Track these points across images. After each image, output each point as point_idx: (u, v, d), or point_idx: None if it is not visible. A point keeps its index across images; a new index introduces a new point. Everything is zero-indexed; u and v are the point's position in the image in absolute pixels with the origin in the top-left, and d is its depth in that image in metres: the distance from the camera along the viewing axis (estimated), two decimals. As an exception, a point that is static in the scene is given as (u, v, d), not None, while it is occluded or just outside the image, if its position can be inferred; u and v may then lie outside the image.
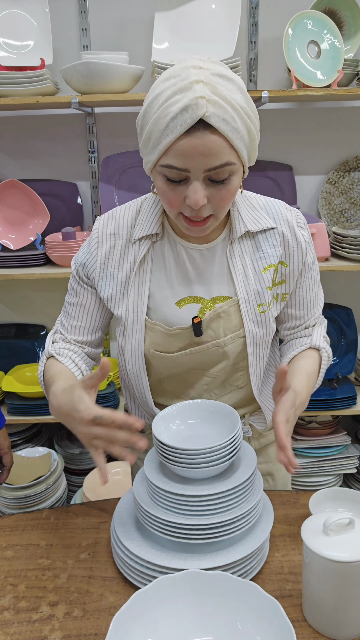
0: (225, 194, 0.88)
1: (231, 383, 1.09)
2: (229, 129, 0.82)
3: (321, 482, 2.20)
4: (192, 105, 0.79)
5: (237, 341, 1.03)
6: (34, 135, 2.15)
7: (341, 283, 2.28)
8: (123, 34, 2.03)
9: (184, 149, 0.82)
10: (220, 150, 0.82)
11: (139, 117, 0.89)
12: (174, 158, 0.83)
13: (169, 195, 0.88)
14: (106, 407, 2.10)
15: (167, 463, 0.87)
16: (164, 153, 0.84)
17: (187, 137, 0.81)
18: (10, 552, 0.98)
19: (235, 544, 0.87)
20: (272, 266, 1.03)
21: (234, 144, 0.84)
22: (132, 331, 1.03)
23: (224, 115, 0.81)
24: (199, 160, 0.82)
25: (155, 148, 0.85)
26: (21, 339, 2.35)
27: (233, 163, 0.85)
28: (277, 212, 1.03)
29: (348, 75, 1.92)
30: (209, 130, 0.81)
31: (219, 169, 0.84)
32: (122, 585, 0.88)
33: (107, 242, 1.03)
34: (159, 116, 0.82)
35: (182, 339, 1.02)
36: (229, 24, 1.88)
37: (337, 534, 0.78)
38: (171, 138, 0.81)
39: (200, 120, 0.80)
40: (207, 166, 0.83)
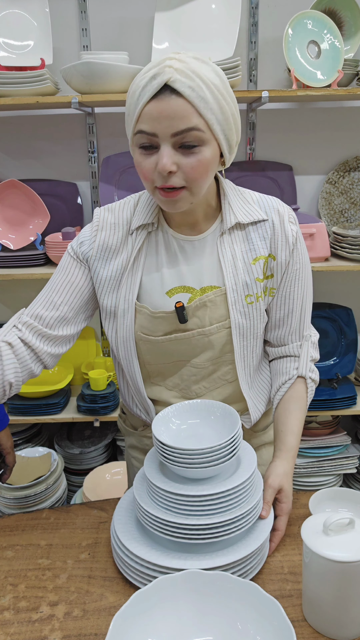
0: (194, 163, 0.89)
1: (220, 377, 1.09)
2: (194, 95, 0.86)
3: (321, 482, 2.20)
4: (159, 73, 0.86)
5: (222, 331, 1.04)
6: (34, 135, 2.15)
7: (341, 283, 2.28)
8: (123, 34, 2.03)
9: (151, 113, 0.87)
10: (186, 115, 0.86)
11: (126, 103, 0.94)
12: (143, 123, 0.88)
13: (143, 165, 0.91)
14: (106, 407, 2.11)
15: (167, 463, 0.87)
16: (136, 122, 0.89)
17: (154, 102, 0.86)
18: (10, 552, 0.98)
19: (235, 544, 0.87)
20: (262, 257, 1.04)
21: (201, 112, 0.87)
22: (124, 318, 1.05)
23: (190, 83, 0.86)
24: (165, 124, 0.86)
25: (132, 120, 0.90)
26: (21, 339, 2.34)
27: (200, 129, 0.88)
28: (269, 205, 1.05)
29: (348, 75, 1.92)
30: (174, 95, 0.86)
31: (185, 132, 0.87)
32: (122, 585, 0.88)
33: (108, 229, 1.05)
34: (134, 90, 0.89)
35: (167, 324, 1.03)
36: (229, 24, 1.88)
37: (337, 534, 0.78)
38: (141, 104, 0.87)
39: (167, 86, 0.85)
40: (173, 129, 0.87)
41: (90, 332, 2.36)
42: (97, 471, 2.11)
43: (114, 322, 1.07)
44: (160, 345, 1.05)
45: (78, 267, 1.07)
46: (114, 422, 2.35)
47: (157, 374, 1.10)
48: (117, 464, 2.15)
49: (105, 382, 2.14)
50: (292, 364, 1.13)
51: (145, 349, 1.06)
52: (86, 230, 1.07)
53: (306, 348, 1.13)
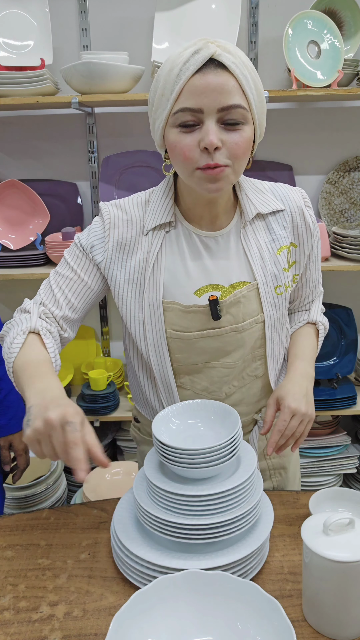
0: (238, 140, 0.88)
1: (249, 373, 1.09)
2: (239, 72, 0.86)
3: (321, 482, 2.20)
4: (203, 47, 0.85)
5: (255, 326, 1.04)
6: (34, 135, 2.15)
7: (341, 283, 2.28)
8: (123, 34, 2.03)
9: (197, 87, 0.85)
10: (232, 89, 0.86)
11: (151, 89, 0.93)
12: (187, 99, 0.86)
13: (184, 144, 0.88)
14: (106, 407, 2.11)
15: (167, 463, 0.87)
16: (177, 98, 0.87)
17: (200, 74, 0.85)
18: (10, 552, 0.98)
19: (235, 544, 0.87)
20: (285, 247, 1.04)
21: (244, 89, 0.87)
22: (153, 320, 1.02)
23: (234, 59, 0.86)
24: (212, 97, 0.85)
25: (169, 98, 0.87)
26: (21, 339, 2.34)
27: (245, 108, 0.87)
28: (284, 194, 1.05)
29: (348, 75, 1.92)
30: (220, 69, 0.85)
31: (232, 108, 0.86)
32: (122, 585, 0.88)
33: (121, 227, 1.02)
34: (171, 67, 0.87)
35: (200, 320, 1.01)
36: (229, 24, 1.88)
37: (337, 534, 0.78)
38: (184, 79, 0.85)
39: (212, 60, 0.85)
40: (220, 104, 0.85)
41: (90, 332, 2.36)
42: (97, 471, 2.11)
43: (142, 327, 1.04)
44: (192, 342, 1.02)
45: (89, 265, 1.03)
46: (114, 422, 2.35)
47: (186, 374, 1.07)
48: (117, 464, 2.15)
49: (105, 382, 2.14)
50: (304, 315, 1.20)
51: (176, 348, 1.04)
52: (97, 228, 1.03)
53: (317, 302, 1.20)
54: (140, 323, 1.03)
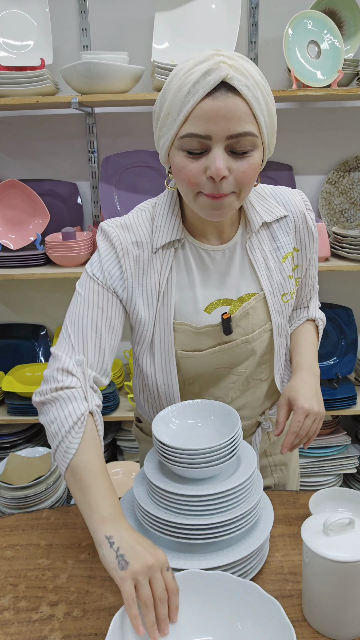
0: (246, 167, 0.84)
1: (254, 377, 1.09)
2: (250, 95, 0.81)
3: (321, 482, 2.20)
4: (214, 68, 0.79)
5: (263, 335, 1.04)
6: (34, 135, 2.15)
7: (341, 283, 2.28)
8: (123, 34, 2.03)
9: (206, 112, 0.80)
10: (243, 116, 0.81)
11: (157, 102, 0.88)
12: (195, 124, 0.81)
13: (189, 169, 0.84)
14: (106, 407, 2.11)
15: (167, 463, 0.86)
16: (184, 121, 0.82)
17: (209, 99, 0.80)
18: (10, 552, 0.98)
19: (235, 544, 0.87)
20: (289, 254, 1.04)
21: (256, 113, 0.82)
22: (163, 341, 0.99)
23: (246, 81, 0.80)
24: (221, 124, 0.80)
25: (176, 119, 0.83)
26: (21, 339, 2.35)
27: (255, 135, 0.83)
28: (286, 199, 1.04)
29: (348, 75, 1.92)
30: (231, 93, 0.80)
31: (241, 137, 0.82)
32: (122, 585, 0.88)
33: (133, 250, 0.97)
34: (180, 86, 0.81)
35: (212, 337, 1.00)
36: (229, 24, 1.88)
37: (337, 534, 0.78)
38: (193, 102, 0.80)
39: (223, 83, 0.80)
40: (229, 132, 0.81)
41: (90, 332, 2.36)
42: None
43: (150, 349, 1.01)
44: (203, 359, 1.02)
45: (111, 298, 0.96)
46: (114, 422, 2.35)
47: (193, 381, 1.07)
48: (117, 464, 2.15)
49: (105, 382, 2.14)
50: (303, 312, 1.19)
51: (185, 365, 1.02)
52: (109, 257, 0.97)
53: (314, 299, 1.20)
54: (150, 345, 1.01)
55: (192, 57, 0.83)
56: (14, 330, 2.35)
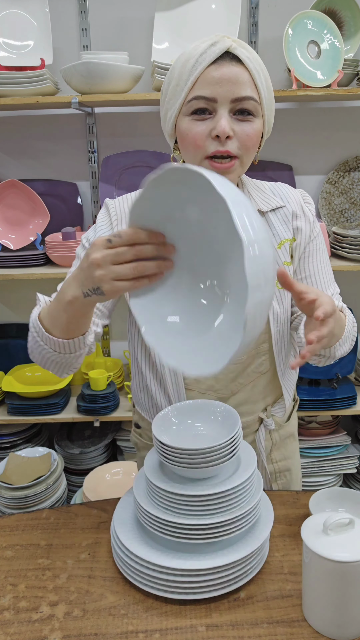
0: (249, 131, 0.91)
1: (254, 370, 1.09)
2: (252, 66, 0.90)
3: (321, 482, 2.20)
4: (219, 41, 0.89)
5: None
6: (34, 135, 2.15)
7: (341, 283, 2.26)
8: (123, 34, 2.03)
9: (212, 77, 0.88)
10: (246, 82, 0.89)
11: (165, 81, 0.95)
12: (202, 88, 0.89)
13: (195, 131, 0.90)
14: (106, 407, 2.11)
15: (167, 463, 0.87)
16: (192, 87, 0.90)
17: (215, 66, 0.89)
18: (10, 552, 0.98)
19: (235, 544, 0.87)
20: (286, 241, 1.04)
21: (257, 83, 0.90)
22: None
23: (248, 54, 0.90)
24: (226, 88, 0.88)
25: (184, 87, 0.90)
26: (21, 339, 2.35)
27: (256, 100, 0.91)
28: (283, 193, 1.07)
29: (348, 75, 1.92)
30: (235, 62, 0.89)
31: (244, 100, 0.89)
32: (122, 585, 0.88)
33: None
34: (187, 58, 0.90)
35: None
36: (229, 24, 1.88)
37: (337, 534, 0.78)
38: (200, 69, 0.89)
39: (227, 53, 0.89)
40: (234, 95, 0.88)
41: (90, 332, 2.36)
42: (97, 471, 2.11)
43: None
44: None
45: None
46: (114, 422, 2.35)
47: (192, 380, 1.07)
48: (117, 464, 2.15)
49: (105, 382, 2.14)
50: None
51: None
52: (103, 224, 1.03)
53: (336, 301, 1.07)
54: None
55: (198, 40, 0.93)
56: (14, 330, 2.35)
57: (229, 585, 0.84)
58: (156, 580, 0.84)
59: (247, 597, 0.85)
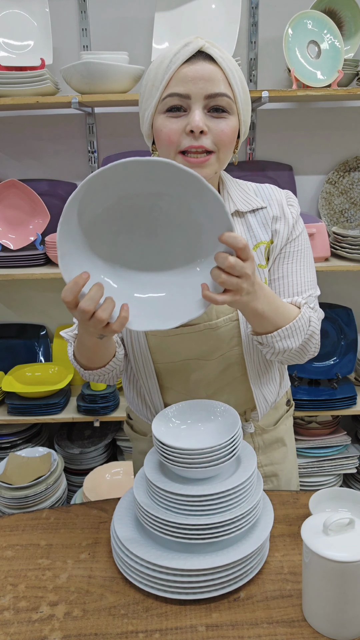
0: (224, 127, 0.92)
1: (229, 375, 1.09)
2: (225, 65, 0.91)
3: (321, 482, 2.20)
4: (192, 41, 0.91)
5: (230, 324, 1.03)
6: (34, 135, 2.15)
7: (341, 283, 2.28)
8: (123, 34, 2.03)
9: (186, 74, 0.90)
10: (219, 79, 0.91)
11: (142, 81, 0.97)
12: (176, 85, 0.90)
13: (169, 128, 0.91)
14: (106, 407, 2.11)
15: (167, 463, 0.87)
16: (167, 85, 0.91)
17: (188, 64, 0.90)
18: (10, 552, 0.98)
19: (235, 544, 0.87)
20: (263, 243, 1.03)
21: (230, 80, 0.92)
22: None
23: (221, 54, 0.92)
24: (199, 85, 0.90)
25: (159, 86, 0.92)
26: (21, 339, 2.35)
27: (230, 97, 0.92)
28: (267, 194, 1.06)
29: (348, 75, 1.92)
30: (208, 60, 0.91)
31: (218, 96, 0.90)
32: (122, 585, 0.88)
33: None
34: (161, 60, 0.92)
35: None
36: (229, 24, 1.88)
37: (337, 534, 0.78)
38: (174, 68, 0.90)
39: (200, 53, 0.91)
40: (207, 91, 0.90)
41: (90, 332, 2.36)
42: (97, 471, 2.11)
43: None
44: (168, 340, 1.04)
45: None
46: (114, 422, 2.35)
47: (166, 374, 1.08)
48: (117, 464, 2.15)
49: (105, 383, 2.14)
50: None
51: (154, 346, 1.05)
52: None
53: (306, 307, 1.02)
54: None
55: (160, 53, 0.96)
56: (14, 330, 2.35)
57: (229, 585, 0.85)
58: (156, 580, 0.84)
59: (247, 597, 0.85)
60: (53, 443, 2.33)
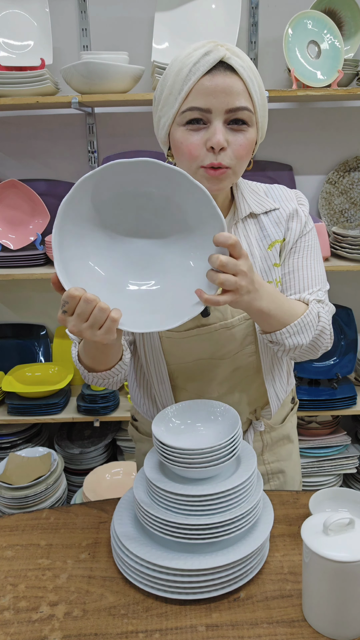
0: (243, 141, 0.90)
1: (242, 372, 1.09)
2: (246, 75, 0.89)
3: (321, 482, 2.20)
4: (213, 50, 0.88)
5: (244, 323, 1.04)
6: (34, 135, 2.15)
7: (341, 283, 2.28)
8: (123, 34, 2.03)
9: (207, 88, 0.87)
10: (240, 92, 0.88)
11: (157, 87, 0.94)
12: (197, 99, 0.88)
13: (190, 142, 0.90)
14: (106, 407, 2.11)
15: (167, 463, 0.87)
16: (186, 97, 0.89)
17: (209, 76, 0.87)
18: (10, 552, 0.98)
19: (235, 544, 0.87)
20: (277, 242, 1.04)
21: (251, 92, 0.89)
22: None
23: (242, 63, 0.89)
24: (220, 99, 0.87)
25: (177, 97, 0.89)
26: (21, 339, 2.35)
27: (250, 110, 0.90)
28: (278, 194, 1.06)
29: (348, 75, 1.92)
30: (229, 71, 0.88)
31: (239, 110, 0.88)
32: (122, 585, 0.88)
33: None
34: (180, 67, 0.89)
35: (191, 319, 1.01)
36: (229, 24, 1.88)
37: (337, 534, 0.78)
38: (194, 80, 0.87)
39: (221, 63, 0.87)
40: (228, 105, 0.88)
41: (90, 332, 2.36)
42: (97, 471, 2.11)
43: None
44: (182, 342, 1.03)
45: None
46: (114, 422, 2.35)
47: (178, 374, 1.08)
48: (117, 464, 2.15)
49: (105, 382, 2.14)
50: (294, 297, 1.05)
51: (168, 347, 1.05)
52: None
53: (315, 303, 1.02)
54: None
55: (190, 45, 0.91)
56: (14, 330, 2.35)
57: (229, 585, 0.85)
58: (156, 580, 0.84)
59: (247, 597, 0.85)
60: (53, 443, 2.33)
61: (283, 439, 1.20)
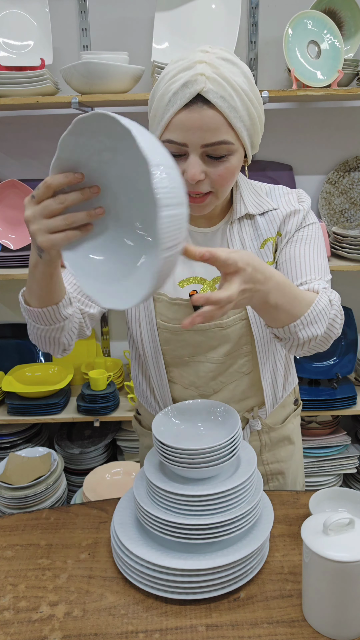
0: (223, 171, 0.90)
1: (237, 370, 1.09)
2: (226, 106, 0.85)
3: (321, 482, 2.20)
4: (191, 81, 0.85)
5: (239, 323, 1.04)
6: (34, 135, 2.15)
7: (341, 283, 2.28)
8: (123, 34, 2.03)
9: (182, 123, 0.86)
10: (218, 126, 0.86)
11: (150, 94, 0.94)
12: (173, 132, 0.87)
13: None
14: (106, 407, 2.11)
15: (167, 463, 0.87)
16: (165, 128, 0.89)
17: (186, 111, 0.86)
18: (10, 552, 0.98)
19: (235, 544, 0.87)
20: (270, 239, 1.04)
21: (232, 122, 0.87)
22: (145, 305, 1.05)
23: (222, 92, 0.85)
24: (196, 135, 0.86)
25: (159, 124, 0.90)
26: (21, 339, 2.35)
27: (230, 142, 0.88)
28: (278, 194, 1.06)
29: (348, 75, 1.92)
30: (206, 106, 0.85)
31: (215, 145, 0.87)
32: (122, 585, 0.88)
33: None
34: (163, 93, 0.88)
35: (184, 313, 1.03)
36: (229, 24, 1.88)
37: (337, 534, 0.78)
38: (171, 112, 0.86)
39: (199, 96, 0.85)
40: (204, 141, 0.86)
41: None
42: (97, 471, 2.11)
43: (137, 312, 1.07)
44: (178, 335, 1.04)
45: None
46: (114, 422, 2.35)
47: (174, 367, 1.09)
48: (117, 464, 2.15)
49: (105, 382, 2.14)
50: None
51: (164, 339, 1.06)
52: None
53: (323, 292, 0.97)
54: (137, 314, 1.07)
55: (182, 58, 0.89)
56: (14, 330, 2.35)
57: (229, 585, 0.85)
58: (156, 580, 0.84)
59: (247, 597, 0.85)
60: (53, 443, 2.33)
61: (283, 440, 1.20)
